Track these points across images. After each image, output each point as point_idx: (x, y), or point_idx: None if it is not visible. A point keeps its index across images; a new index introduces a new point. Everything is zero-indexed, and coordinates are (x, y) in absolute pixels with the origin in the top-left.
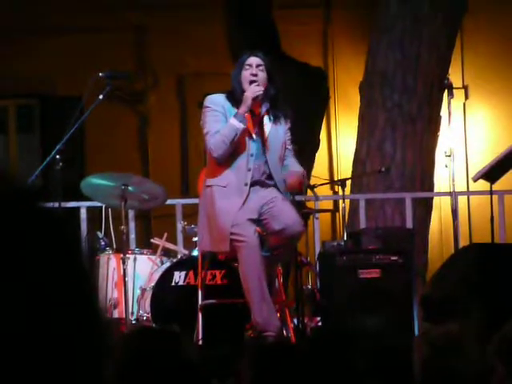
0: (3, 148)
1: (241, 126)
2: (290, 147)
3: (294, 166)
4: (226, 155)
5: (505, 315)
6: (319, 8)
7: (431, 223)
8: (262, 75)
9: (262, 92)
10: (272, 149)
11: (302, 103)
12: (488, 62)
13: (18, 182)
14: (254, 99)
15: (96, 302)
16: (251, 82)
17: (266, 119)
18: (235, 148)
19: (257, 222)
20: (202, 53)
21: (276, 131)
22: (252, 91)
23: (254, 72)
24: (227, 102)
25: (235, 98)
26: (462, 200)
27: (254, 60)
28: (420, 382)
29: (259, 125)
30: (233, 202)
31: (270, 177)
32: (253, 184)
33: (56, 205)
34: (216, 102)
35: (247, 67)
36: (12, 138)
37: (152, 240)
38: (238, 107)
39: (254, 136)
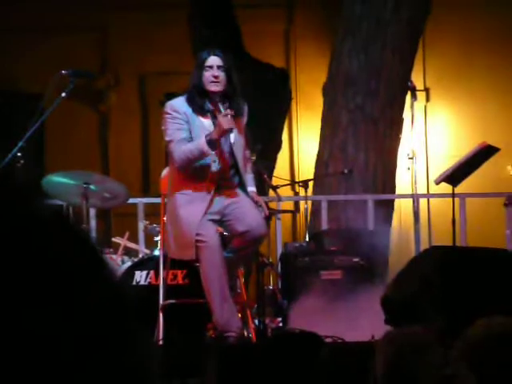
0: None
1: (209, 152)
2: (247, 152)
3: (251, 185)
4: (187, 168)
5: (465, 319)
6: (282, 8)
7: (392, 225)
8: (223, 76)
9: (233, 127)
10: (237, 148)
11: (264, 103)
12: (449, 64)
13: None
14: (227, 131)
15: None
16: (213, 83)
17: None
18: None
19: (219, 222)
20: (163, 52)
21: (237, 131)
22: (227, 123)
23: (215, 74)
24: (188, 108)
25: (195, 101)
26: (422, 202)
27: (214, 60)
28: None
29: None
30: (196, 209)
31: (233, 175)
32: (217, 186)
33: None
34: (177, 108)
35: (208, 68)
36: None
37: (113, 239)
38: (198, 111)
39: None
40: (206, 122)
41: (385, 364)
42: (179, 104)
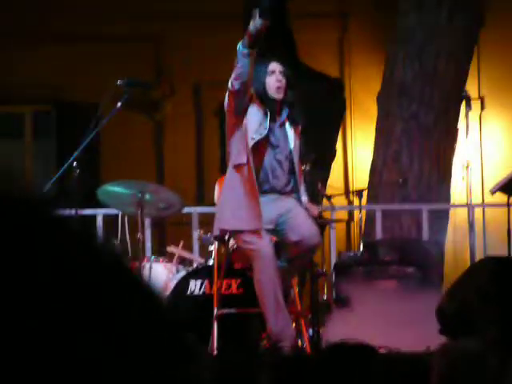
0: (19, 154)
1: (245, 50)
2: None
3: (303, 195)
4: (243, 82)
5: None
6: (335, 17)
7: (447, 235)
8: (284, 81)
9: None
10: (295, 154)
11: (318, 113)
12: (504, 73)
13: (33, 190)
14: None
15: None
16: (278, 89)
17: (287, 126)
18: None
19: (273, 231)
20: (218, 61)
21: (295, 138)
22: (256, 25)
23: (279, 78)
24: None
25: (260, 101)
26: (477, 212)
27: (276, 66)
28: None
29: (282, 131)
30: (255, 191)
31: (288, 183)
32: (272, 191)
33: (73, 212)
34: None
35: (270, 73)
36: (28, 145)
37: (168, 248)
38: (262, 109)
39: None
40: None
41: (438, 376)
42: None
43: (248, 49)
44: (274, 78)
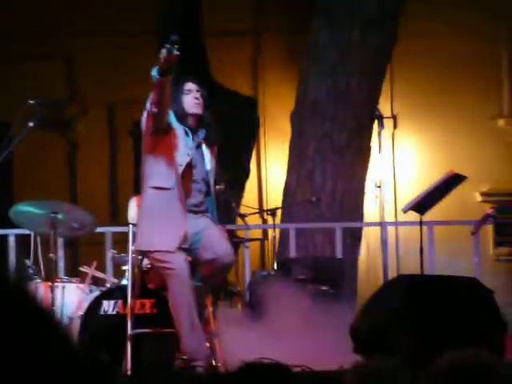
0: None
1: (158, 77)
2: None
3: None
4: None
5: (434, 348)
6: (249, 35)
7: (360, 253)
8: (201, 101)
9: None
10: (211, 175)
11: (231, 132)
12: (417, 91)
13: None
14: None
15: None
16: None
17: (203, 147)
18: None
19: (188, 250)
20: (132, 81)
21: (212, 159)
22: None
23: (196, 96)
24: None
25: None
26: (390, 230)
27: (192, 86)
28: None
29: (199, 152)
30: (178, 214)
31: (202, 203)
32: (189, 208)
33: None
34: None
35: (187, 92)
36: None
37: (81, 268)
38: (182, 123)
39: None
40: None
41: None
42: None
43: (161, 76)
44: (192, 96)
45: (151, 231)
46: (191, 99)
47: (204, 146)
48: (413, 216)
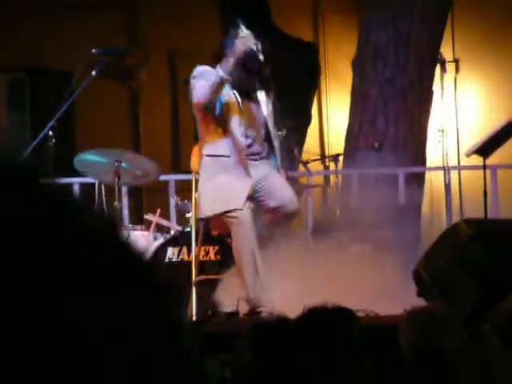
0: None
1: (222, 74)
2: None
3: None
4: (208, 99)
5: (500, 291)
6: None
7: (423, 199)
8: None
9: (254, 47)
10: (270, 120)
11: (293, 78)
12: (478, 35)
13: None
14: (245, 52)
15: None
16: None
17: (258, 94)
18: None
19: (251, 198)
20: (193, 29)
21: (268, 103)
22: (244, 44)
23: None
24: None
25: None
26: (453, 175)
27: (247, 34)
28: (409, 360)
29: (254, 99)
30: (240, 176)
31: (262, 150)
32: (249, 157)
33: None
34: (206, 70)
35: (241, 39)
36: (1, 114)
37: (145, 216)
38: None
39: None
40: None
41: (411, 342)
42: (207, 68)
43: (227, 76)
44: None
45: (215, 196)
46: (242, 47)
47: (259, 93)
48: (476, 160)
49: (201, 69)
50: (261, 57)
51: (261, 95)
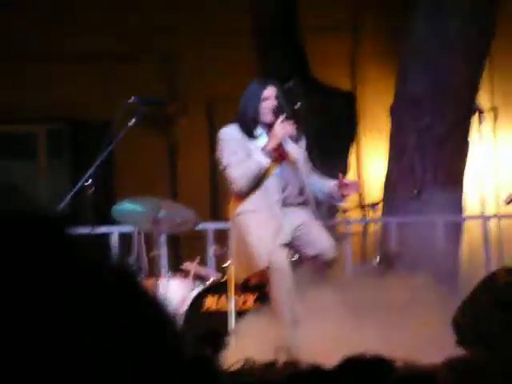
0: (33, 174)
1: (267, 161)
2: (308, 164)
3: (327, 179)
4: (249, 187)
5: None
6: (347, 30)
7: (461, 247)
8: (275, 104)
9: (291, 131)
10: (299, 166)
11: (331, 127)
12: None
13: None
14: (282, 138)
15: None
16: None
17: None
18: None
19: (289, 246)
20: (231, 78)
21: (298, 149)
22: (284, 131)
23: (275, 103)
24: (243, 134)
25: (249, 129)
26: (493, 224)
27: (271, 92)
28: None
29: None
30: (267, 232)
31: (299, 195)
32: (283, 205)
33: (87, 230)
34: (233, 134)
35: (264, 99)
36: (42, 164)
37: (184, 264)
38: (252, 136)
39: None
40: (261, 144)
41: None
42: (233, 130)
43: (270, 159)
44: (268, 104)
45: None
46: (267, 107)
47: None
48: None
49: (234, 134)
50: (298, 104)
51: (298, 146)
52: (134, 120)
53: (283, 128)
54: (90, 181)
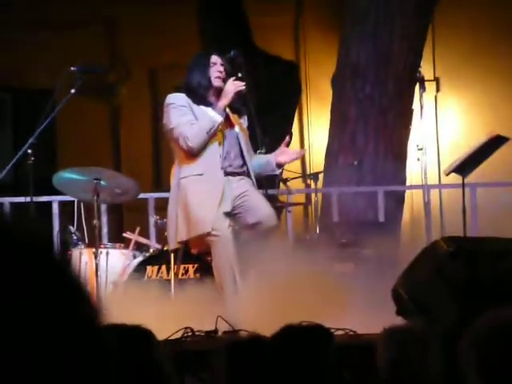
0: None
1: (219, 118)
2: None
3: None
4: (201, 146)
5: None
6: (290, 1)
7: (403, 216)
8: (224, 74)
9: (243, 87)
10: (241, 138)
11: (273, 96)
12: (459, 54)
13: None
14: (236, 93)
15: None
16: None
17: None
18: (212, 142)
19: (230, 215)
20: (174, 45)
21: (241, 122)
22: (235, 86)
23: (220, 69)
24: (189, 100)
25: (198, 94)
26: (433, 193)
27: (217, 59)
28: (385, 379)
29: (234, 117)
30: (212, 195)
31: (241, 166)
32: (225, 174)
33: (28, 199)
34: (181, 100)
35: (212, 65)
36: None
37: (124, 234)
38: (201, 102)
39: (228, 128)
40: (209, 110)
41: (388, 360)
42: (180, 96)
43: (222, 116)
44: (215, 69)
45: (187, 219)
46: (214, 72)
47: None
48: (456, 178)
49: (182, 100)
50: (240, 74)
51: (240, 113)
52: (74, 88)
53: (234, 85)
54: (31, 150)
